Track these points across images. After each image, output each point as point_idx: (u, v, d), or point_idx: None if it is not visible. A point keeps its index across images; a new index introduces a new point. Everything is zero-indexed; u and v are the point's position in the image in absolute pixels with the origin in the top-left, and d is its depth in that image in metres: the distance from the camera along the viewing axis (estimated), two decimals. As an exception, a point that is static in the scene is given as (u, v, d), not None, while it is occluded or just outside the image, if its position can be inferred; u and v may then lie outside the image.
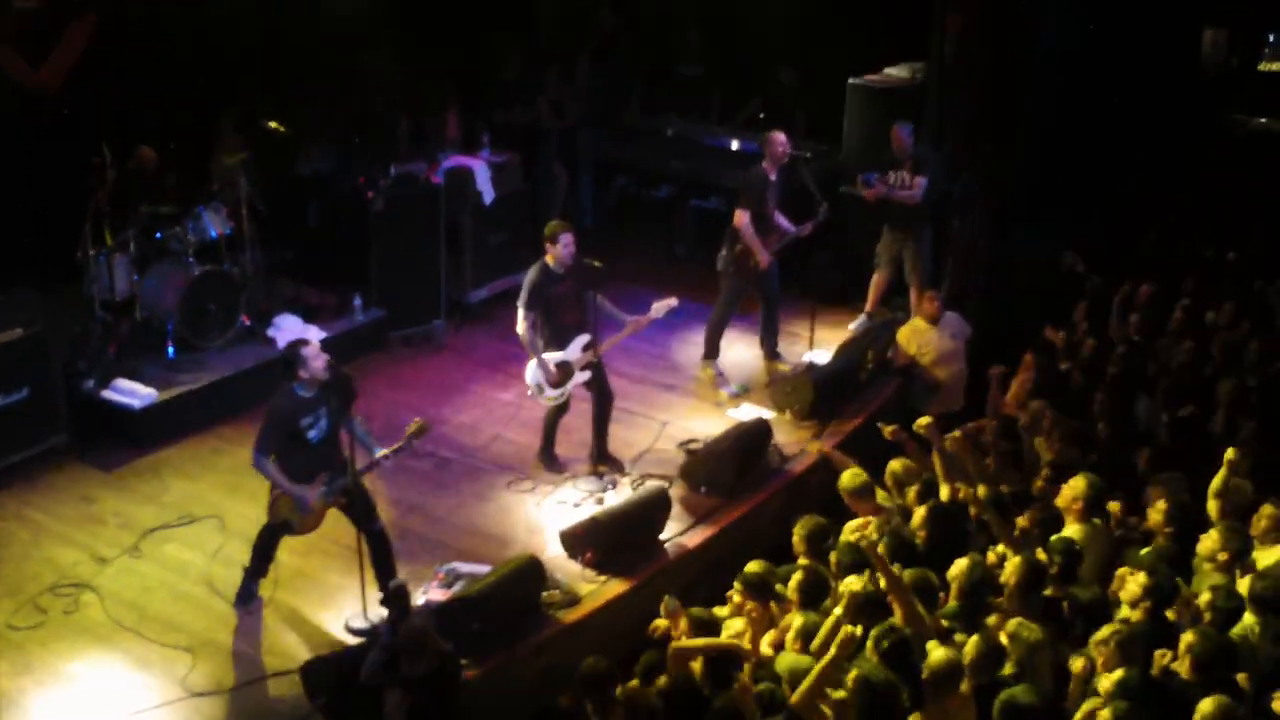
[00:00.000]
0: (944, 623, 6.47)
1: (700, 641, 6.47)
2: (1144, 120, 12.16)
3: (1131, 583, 6.54)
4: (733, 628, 6.82)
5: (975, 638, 6.17)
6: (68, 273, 9.89)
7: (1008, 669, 6.15)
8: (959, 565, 6.75)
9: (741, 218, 10.09)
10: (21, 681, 7.12)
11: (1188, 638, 6.05)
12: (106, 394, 9.42)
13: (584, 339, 8.82)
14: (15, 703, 6.94)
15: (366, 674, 6.51)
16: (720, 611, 6.99)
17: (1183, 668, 6.00)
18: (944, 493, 7.72)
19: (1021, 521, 7.36)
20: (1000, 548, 7.13)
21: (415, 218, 11.01)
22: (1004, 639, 6.21)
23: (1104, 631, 6.11)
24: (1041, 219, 11.61)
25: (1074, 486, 7.34)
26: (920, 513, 7.39)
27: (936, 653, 5.95)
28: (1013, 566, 6.66)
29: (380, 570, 7.60)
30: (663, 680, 6.33)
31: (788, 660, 6.27)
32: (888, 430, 8.19)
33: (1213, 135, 13.07)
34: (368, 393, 7.74)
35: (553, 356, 8.75)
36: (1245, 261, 10.79)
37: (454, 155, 11.59)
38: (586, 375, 8.87)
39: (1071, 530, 7.20)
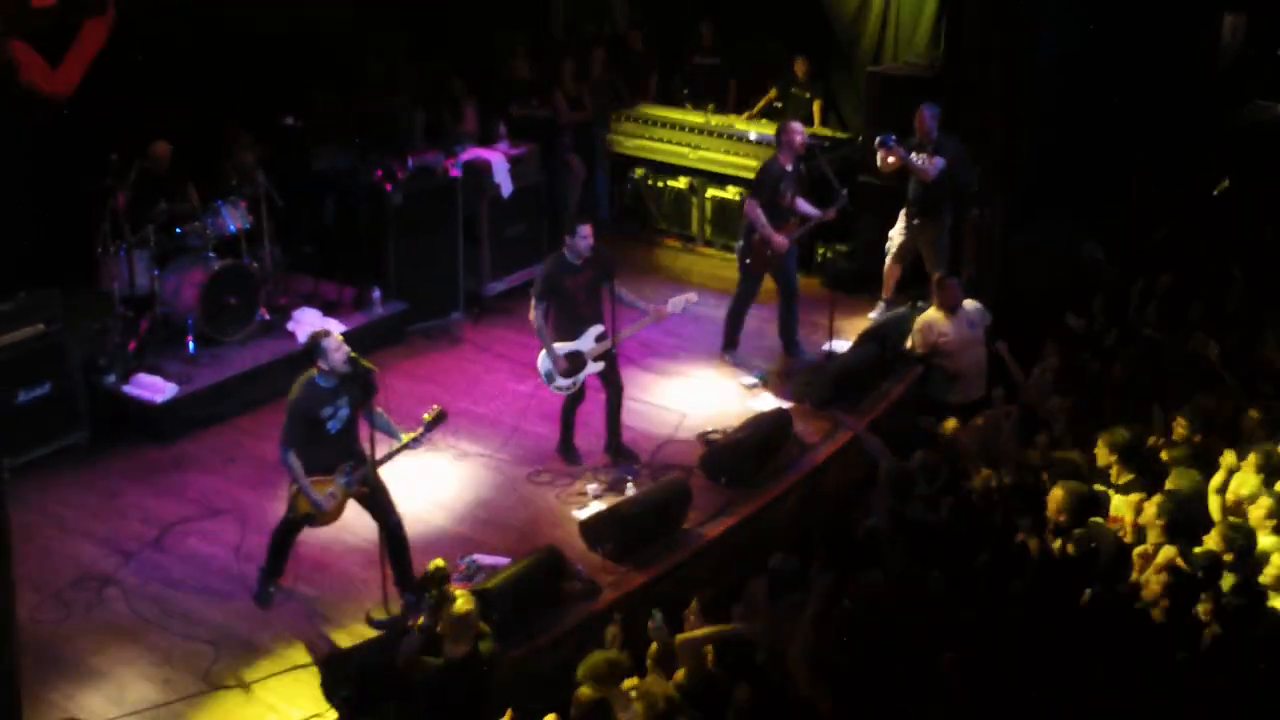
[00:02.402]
0: None
1: (705, 630, 6.42)
2: (1157, 112, 12.09)
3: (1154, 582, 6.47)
4: None
5: None
6: (87, 270, 9.92)
7: None
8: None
9: (752, 208, 10.08)
10: (45, 675, 7.14)
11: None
12: (127, 389, 9.46)
13: (597, 329, 8.82)
14: (39, 697, 6.95)
15: (404, 658, 6.53)
16: None
17: None
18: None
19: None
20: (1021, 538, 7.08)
21: (433, 211, 11.02)
22: None
23: None
24: (1055, 211, 11.56)
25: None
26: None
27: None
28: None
29: (397, 563, 7.61)
30: (680, 674, 6.29)
31: None
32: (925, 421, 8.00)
33: (1228, 125, 12.98)
34: (386, 386, 7.74)
35: (564, 347, 8.75)
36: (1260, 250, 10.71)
37: (471, 148, 11.59)
38: (600, 366, 8.86)
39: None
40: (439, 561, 6.79)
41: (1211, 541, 6.87)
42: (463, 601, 6.44)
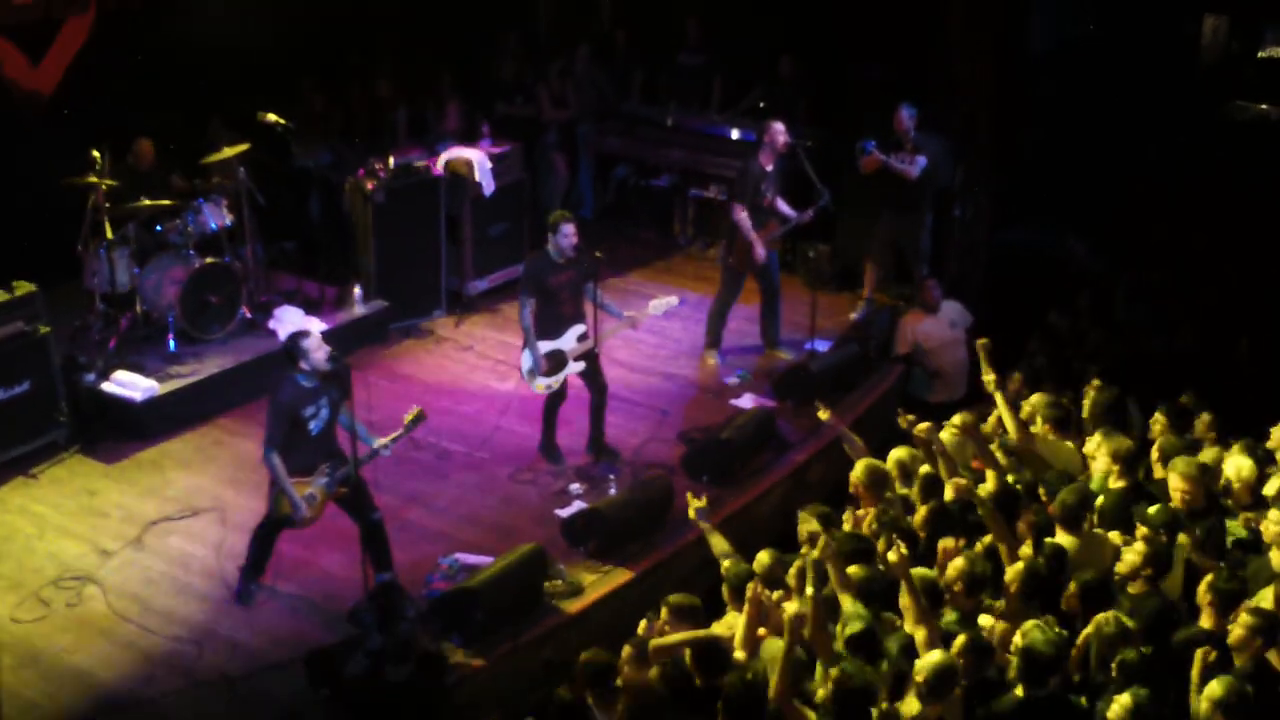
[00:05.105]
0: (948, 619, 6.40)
1: (678, 637, 6.38)
2: (1141, 112, 12.14)
3: (1130, 552, 6.50)
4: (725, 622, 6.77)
5: (962, 636, 6.07)
6: (68, 267, 9.89)
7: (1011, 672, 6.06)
8: (955, 565, 6.66)
9: (738, 212, 10.09)
10: (25, 674, 7.13)
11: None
12: (107, 387, 9.41)
13: (579, 329, 8.81)
14: (19, 696, 6.94)
15: (350, 674, 6.52)
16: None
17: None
18: (949, 491, 7.61)
19: (1020, 525, 7.25)
20: (987, 539, 7.02)
21: (415, 209, 11.01)
22: (1018, 639, 6.07)
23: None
24: (1040, 209, 11.61)
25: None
26: (922, 512, 7.30)
27: (932, 656, 5.88)
28: (1014, 572, 6.59)
29: (377, 560, 7.60)
30: (654, 671, 6.26)
31: (773, 647, 6.21)
32: (905, 420, 7.96)
33: (1210, 125, 13.05)
34: (368, 385, 7.74)
35: (545, 345, 8.74)
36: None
37: (453, 146, 11.57)
38: (581, 365, 8.86)
39: (1064, 540, 7.06)
40: (386, 577, 6.69)
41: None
42: (405, 626, 6.34)
